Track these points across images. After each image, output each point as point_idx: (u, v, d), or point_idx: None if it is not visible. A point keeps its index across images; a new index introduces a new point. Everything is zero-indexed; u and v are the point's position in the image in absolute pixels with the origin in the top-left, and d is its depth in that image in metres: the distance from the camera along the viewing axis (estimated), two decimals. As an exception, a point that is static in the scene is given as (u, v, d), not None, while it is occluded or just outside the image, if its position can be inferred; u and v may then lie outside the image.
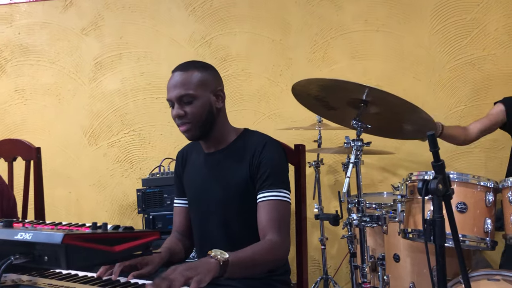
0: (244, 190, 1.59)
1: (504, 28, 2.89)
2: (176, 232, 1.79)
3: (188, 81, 1.57)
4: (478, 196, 1.78)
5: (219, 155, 1.66)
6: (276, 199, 1.55)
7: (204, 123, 1.59)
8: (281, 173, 1.61)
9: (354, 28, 3.02)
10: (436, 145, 1.25)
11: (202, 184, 1.67)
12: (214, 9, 3.12)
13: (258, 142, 1.62)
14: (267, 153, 1.59)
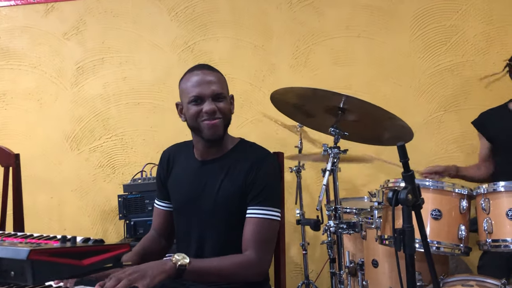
0: (237, 200, 1.59)
1: (483, 35, 2.94)
2: (153, 230, 1.80)
3: (221, 80, 1.64)
4: (453, 203, 1.80)
5: (214, 164, 1.65)
6: (265, 218, 1.56)
7: (228, 123, 1.65)
8: (275, 191, 1.62)
9: (336, 34, 3.05)
10: (406, 155, 1.27)
11: (194, 192, 1.66)
12: (196, 14, 3.12)
13: (258, 155, 1.63)
14: (265, 168, 1.60)
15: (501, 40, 2.92)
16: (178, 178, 1.72)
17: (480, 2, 2.93)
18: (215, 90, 1.59)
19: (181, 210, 1.70)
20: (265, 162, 1.59)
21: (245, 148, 1.67)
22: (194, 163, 1.68)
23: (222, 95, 1.61)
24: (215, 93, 1.59)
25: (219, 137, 1.62)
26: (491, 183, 1.75)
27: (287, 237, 3.07)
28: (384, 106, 2.99)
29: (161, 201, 1.79)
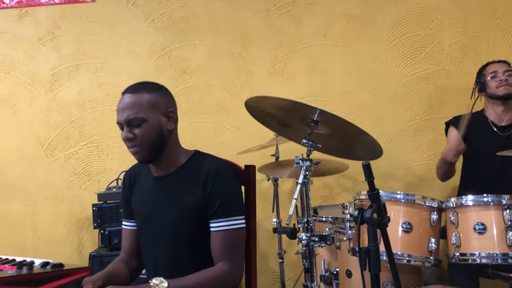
0: (195, 215, 1.58)
1: (457, 44, 2.97)
2: (123, 253, 1.77)
3: (137, 104, 1.55)
4: (423, 216, 1.82)
5: (169, 179, 1.63)
6: (228, 228, 1.55)
7: (154, 146, 1.57)
8: (234, 200, 1.60)
9: (313, 42, 3.05)
10: (371, 175, 1.28)
11: (152, 208, 1.65)
12: (173, 21, 3.10)
13: (210, 168, 1.59)
14: (219, 181, 1.57)
15: (475, 50, 2.96)
16: (138, 197, 1.71)
17: (455, 12, 2.96)
18: (127, 117, 1.53)
19: (141, 228, 1.70)
20: (219, 173, 1.57)
21: (199, 160, 1.64)
22: (150, 180, 1.67)
23: (138, 120, 1.53)
24: (128, 120, 1.53)
25: (148, 161, 1.61)
26: (459, 197, 1.77)
27: (265, 245, 3.11)
28: (360, 114, 3.05)
29: (128, 221, 1.77)
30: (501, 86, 2.40)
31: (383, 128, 3.02)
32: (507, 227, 1.64)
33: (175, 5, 3.10)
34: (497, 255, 1.65)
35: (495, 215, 1.67)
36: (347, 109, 3.04)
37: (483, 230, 1.67)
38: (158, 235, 1.63)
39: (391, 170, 3.01)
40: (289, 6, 3.06)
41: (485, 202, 1.71)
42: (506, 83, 2.40)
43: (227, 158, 3.00)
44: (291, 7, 3.06)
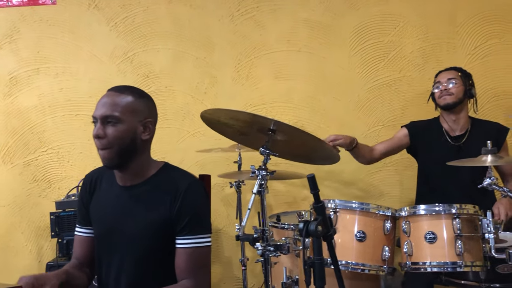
0: (161, 230, 1.54)
1: (419, 51, 3.01)
2: (76, 259, 1.71)
3: (118, 103, 1.51)
4: (377, 225, 1.83)
5: (136, 190, 1.59)
6: (194, 246, 1.53)
7: (124, 150, 1.52)
8: (202, 218, 1.58)
9: (277, 48, 3.05)
10: (316, 187, 1.27)
11: (115, 218, 1.59)
12: (136, 25, 3.05)
13: (180, 184, 1.55)
14: (190, 197, 1.54)
15: (436, 57, 3.00)
16: (99, 203, 1.65)
17: (416, 19, 3.00)
18: (104, 113, 1.49)
19: (101, 237, 1.64)
20: (188, 190, 1.54)
21: (168, 174, 1.61)
22: (116, 188, 1.61)
23: (113, 118, 1.49)
24: (103, 116, 1.49)
25: (114, 166, 1.55)
26: (412, 206, 1.79)
27: (230, 252, 3.09)
28: (324, 119, 3.06)
29: (83, 227, 1.71)
30: (442, 96, 2.43)
31: (346, 134, 3.03)
32: (456, 236, 1.66)
33: (138, 9, 3.05)
34: (447, 263, 1.67)
35: (446, 224, 1.69)
36: (311, 115, 3.06)
37: (433, 239, 1.69)
38: (121, 247, 1.57)
39: (355, 176, 3.03)
40: (253, 12, 3.05)
41: (436, 211, 1.73)
42: (446, 92, 2.41)
43: (192, 164, 3.05)
44: (255, 13, 3.05)
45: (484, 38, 3.00)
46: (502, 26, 2.99)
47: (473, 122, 2.52)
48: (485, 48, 3.00)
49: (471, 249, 1.67)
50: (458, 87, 2.43)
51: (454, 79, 2.45)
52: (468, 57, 3.00)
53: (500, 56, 2.99)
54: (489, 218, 1.65)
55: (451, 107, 2.44)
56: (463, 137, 2.47)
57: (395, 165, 3.02)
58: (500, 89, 3.00)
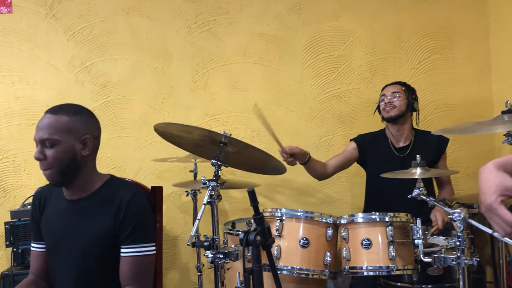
0: (106, 241, 1.61)
1: (367, 65, 3.18)
2: (32, 274, 1.76)
3: (53, 125, 1.57)
4: (320, 232, 1.96)
5: (82, 203, 1.65)
6: (138, 255, 1.60)
7: (65, 169, 1.58)
8: (145, 227, 1.65)
9: (234, 60, 3.16)
10: (255, 200, 1.38)
11: (62, 232, 1.65)
12: (94, 35, 3.09)
13: (125, 195, 1.62)
14: (133, 208, 1.61)
15: (383, 70, 3.18)
16: (48, 219, 1.71)
17: (365, 35, 3.17)
18: (41, 136, 1.57)
19: (51, 251, 1.70)
20: (132, 201, 1.61)
21: (114, 186, 1.68)
22: (63, 203, 1.68)
23: (51, 141, 1.56)
24: (41, 139, 1.57)
25: (58, 183, 1.63)
26: (351, 214, 1.92)
27: (187, 258, 3.16)
28: (278, 129, 3.18)
29: (37, 242, 1.76)
30: (385, 109, 2.60)
31: (299, 143, 3.10)
32: (389, 242, 1.80)
33: (96, 20, 3.09)
34: (382, 267, 1.81)
35: (380, 231, 1.83)
36: (266, 125, 3.17)
37: (369, 245, 1.83)
38: (68, 259, 1.63)
39: (309, 184, 3.16)
40: (210, 25, 3.14)
41: (372, 219, 1.87)
42: (389, 105, 2.58)
43: (149, 172, 3.10)
44: (212, 26, 3.14)
45: (428, 53, 3.20)
46: (443, 43, 3.20)
47: (416, 133, 2.69)
48: (428, 63, 3.20)
49: (402, 254, 1.82)
50: (401, 101, 2.60)
51: (398, 93, 2.61)
52: (413, 71, 3.19)
53: (442, 70, 3.20)
54: (418, 225, 1.80)
55: (394, 120, 2.60)
56: (407, 148, 2.64)
57: (346, 172, 3.15)
58: (442, 101, 3.21)
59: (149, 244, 1.64)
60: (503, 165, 1.04)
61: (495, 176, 1.01)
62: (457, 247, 1.68)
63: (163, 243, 3.00)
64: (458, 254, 1.68)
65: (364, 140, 2.74)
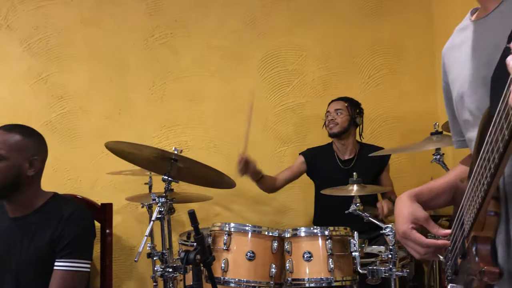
0: (46, 257, 1.66)
1: (320, 79, 3.31)
2: None
3: (4, 141, 1.64)
4: (266, 245, 2.05)
5: (25, 220, 1.70)
6: (70, 270, 1.65)
7: (7, 185, 1.64)
8: (82, 244, 1.71)
9: (191, 73, 3.22)
10: (196, 221, 1.45)
11: (4, 248, 1.70)
12: (51, 46, 3.10)
13: (64, 212, 1.69)
14: (72, 224, 1.67)
15: (335, 84, 3.31)
16: None
17: (318, 50, 3.30)
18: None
19: None
20: (71, 217, 1.68)
21: (56, 204, 1.74)
22: (6, 219, 1.74)
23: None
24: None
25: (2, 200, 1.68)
26: (294, 229, 2.02)
27: (144, 268, 3.20)
28: (234, 140, 3.26)
29: None
30: (329, 125, 2.75)
31: (255, 154, 3.22)
32: (328, 255, 1.91)
33: (52, 32, 3.10)
34: (322, 279, 1.92)
35: (321, 245, 1.94)
36: (223, 136, 3.25)
37: (310, 258, 1.93)
38: (11, 275, 1.68)
39: (262, 194, 3.23)
40: (167, 37, 3.20)
41: (314, 233, 1.98)
42: (332, 122, 2.73)
43: (106, 184, 3.13)
44: (169, 38, 3.20)
45: (377, 69, 3.35)
46: (392, 58, 3.36)
47: (361, 147, 2.84)
48: (377, 78, 3.35)
49: (341, 265, 1.93)
50: (343, 118, 2.75)
51: (341, 110, 2.76)
52: (363, 86, 3.34)
53: (391, 85, 3.36)
54: (356, 238, 1.92)
55: (336, 135, 2.76)
56: (352, 161, 2.78)
57: (299, 182, 3.26)
58: (390, 114, 3.36)
59: (84, 261, 1.70)
60: (416, 195, 1.14)
61: (408, 206, 1.11)
62: (389, 260, 1.80)
63: (120, 254, 3.08)
64: (390, 266, 1.80)
65: (312, 154, 2.87)
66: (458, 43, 1.09)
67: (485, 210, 0.87)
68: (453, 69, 1.11)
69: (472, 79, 1.00)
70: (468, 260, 0.91)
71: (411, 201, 1.12)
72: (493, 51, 0.92)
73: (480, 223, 0.87)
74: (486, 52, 0.96)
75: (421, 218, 1.08)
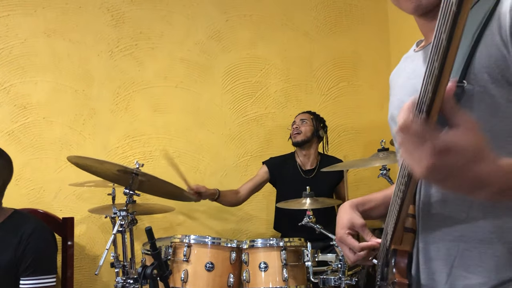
0: (8, 274, 1.69)
1: (282, 91, 3.42)
2: None
3: None
4: (225, 256, 2.13)
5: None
6: (37, 286, 1.69)
7: None
8: (46, 260, 1.75)
9: (155, 84, 3.28)
10: (152, 237, 1.53)
11: None
12: (13, 56, 3.10)
13: (26, 229, 1.73)
14: (33, 241, 1.72)
15: (296, 96, 3.43)
16: None
17: (280, 63, 3.41)
18: None
19: None
20: (33, 235, 1.73)
21: (17, 221, 1.78)
22: None
23: None
24: None
25: None
26: (251, 240, 2.12)
27: (107, 277, 3.22)
28: (199, 150, 3.34)
29: None
30: (293, 134, 2.87)
31: (219, 164, 3.35)
32: (283, 265, 2.01)
33: (15, 41, 3.10)
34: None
35: (276, 255, 2.04)
36: (187, 146, 3.32)
37: (266, 268, 2.03)
38: None
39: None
40: (132, 49, 3.24)
41: (270, 244, 2.08)
42: (296, 131, 2.86)
43: (69, 194, 3.14)
44: (133, 50, 3.25)
45: (336, 81, 3.49)
46: (350, 71, 3.51)
47: (321, 158, 2.96)
48: (336, 90, 3.49)
49: (295, 275, 2.03)
50: (307, 127, 2.87)
51: (306, 120, 2.88)
52: (323, 97, 3.47)
53: (349, 97, 3.50)
54: (309, 249, 2.03)
55: (300, 144, 2.86)
56: (313, 171, 2.90)
57: (263, 191, 3.36)
58: (349, 125, 3.51)
59: (49, 276, 1.75)
60: (357, 205, 1.25)
61: (348, 213, 1.21)
62: (339, 269, 1.92)
63: (83, 263, 3.10)
64: (339, 275, 1.92)
65: (274, 163, 2.97)
66: (400, 70, 1.21)
67: (402, 226, 0.98)
68: (393, 93, 1.23)
69: (399, 105, 1.11)
70: (389, 269, 1.02)
71: (352, 209, 1.22)
72: (417, 81, 1.04)
73: (398, 238, 0.98)
74: (412, 82, 1.07)
75: (358, 225, 1.18)
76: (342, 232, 1.18)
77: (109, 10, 3.23)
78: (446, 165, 0.64)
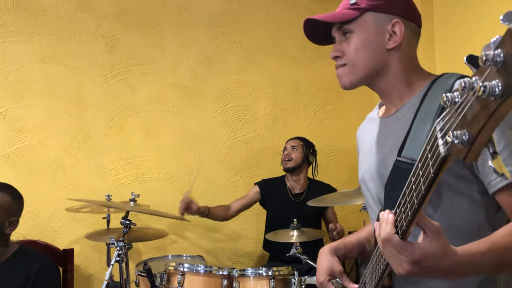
0: None
1: (270, 114, 3.56)
2: None
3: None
4: (216, 283, 2.26)
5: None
6: None
7: None
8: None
9: (148, 108, 3.39)
10: (151, 276, 1.65)
11: None
12: (9, 82, 3.18)
13: (32, 266, 1.84)
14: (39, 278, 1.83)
15: (284, 119, 3.57)
16: None
17: (268, 87, 3.55)
18: None
19: None
20: (40, 271, 1.84)
21: (23, 256, 1.89)
22: None
23: None
24: None
25: None
26: (241, 269, 2.25)
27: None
28: (190, 172, 3.45)
29: None
30: (284, 161, 3.02)
31: (210, 185, 3.47)
32: (272, 293, 2.15)
33: (11, 67, 3.18)
34: (266, 314, 2.16)
35: (265, 284, 2.18)
36: (178, 168, 3.43)
37: (255, 296, 2.16)
38: None
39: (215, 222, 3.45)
40: (125, 74, 3.35)
41: (259, 273, 2.21)
42: (287, 157, 3.00)
43: (63, 216, 3.24)
44: (127, 75, 3.35)
45: (322, 105, 3.64)
46: (335, 95, 3.66)
47: (310, 182, 3.11)
48: (323, 113, 3.64)
49: (284, 302, 2.17)
50: (297, 154, 3.01)
51: (296, 147, 3.03)
52: (309, 120, 3.61)
53: (334, 120, 3.65)
54: (296, 277, 2.17)
55: (290, 171, 3.01)
56: (302, 195, 3.04)
57: (252, 210, 3.50)
58: (334, 147, 3.66)
59: None
60: (335, 250, 1.39)
61: (328, 259, 1.35)
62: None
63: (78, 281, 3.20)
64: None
65: (266, 185, 3.12)
66: (366, 131, 1.34)
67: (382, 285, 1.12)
68: (361, 152, 1.36)
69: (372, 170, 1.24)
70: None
71: (331, 254, 1.36)
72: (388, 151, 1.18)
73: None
74: (383, 151, 1.21)
75: (337, 272, 1.33)
76: (323, 279, 1.32)
77: (103, 37, 3.33)
78: (421, 268, 0.82)
